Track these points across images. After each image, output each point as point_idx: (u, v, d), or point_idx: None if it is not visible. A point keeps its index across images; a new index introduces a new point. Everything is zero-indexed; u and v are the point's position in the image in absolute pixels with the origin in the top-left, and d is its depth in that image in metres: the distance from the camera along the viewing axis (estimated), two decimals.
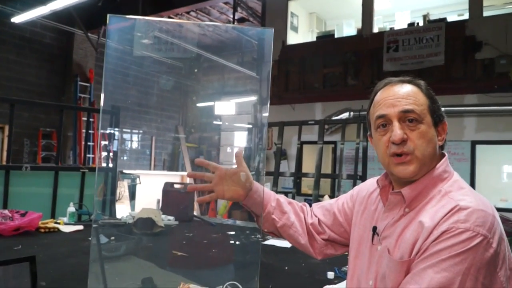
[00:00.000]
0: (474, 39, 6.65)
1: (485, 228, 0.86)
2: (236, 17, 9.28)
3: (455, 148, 6.65)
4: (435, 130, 1.03)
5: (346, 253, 1.22)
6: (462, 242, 0.85)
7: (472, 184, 6.45)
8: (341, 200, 1.30)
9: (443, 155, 1.05)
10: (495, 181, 7.08)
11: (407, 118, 1.00)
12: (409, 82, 1.06)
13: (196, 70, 11.30)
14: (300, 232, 1.29)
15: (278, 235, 1.32)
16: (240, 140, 11.22)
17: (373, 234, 1.08)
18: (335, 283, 1.86)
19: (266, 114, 1.55)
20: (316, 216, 1.31)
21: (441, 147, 1.06)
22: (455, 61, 6.74)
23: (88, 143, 8.16)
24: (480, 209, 0.89)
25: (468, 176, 6.49)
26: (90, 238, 2.74)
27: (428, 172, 1.01)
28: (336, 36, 8.56)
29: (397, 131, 0.99)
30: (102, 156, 9.03)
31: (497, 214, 0.92)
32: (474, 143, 6.69)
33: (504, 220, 5.97)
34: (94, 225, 1.80)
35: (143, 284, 1.49)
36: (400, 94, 1.03)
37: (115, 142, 5.71)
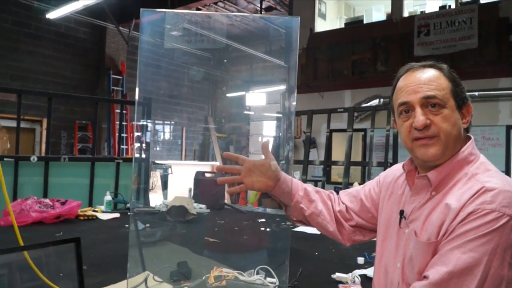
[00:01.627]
0: (508, 20, 6.41)
1: (511, 208, 0.87)
2: (263, 6, 9.26)
3: (489, 133, 6.46)
4: (459, 113, 1.03)
5: (374, 239, 1.24)
6: (488, 223, 0.87)
7: (508, 170, 6.28)
8: (368, 186, 1.32)
9: (468, 138, 1.06)
10: None
11: (430, 103, 1.01)
12: (430, 66, 1.06)
13: (225, 61, 11.36)
14: (328, 220, 1.32)
15: (307, 223, 1.35)
16: (269, 129, 11.24)
17: (401, 218, 1.10)
18: (365, 268, 1.88)
19: (294, 103, 1.57)
20: (343, 203, 1.33)
21: (466, 130, 1.06)
22: (488, 44, 6.52)
23: (122, 135, 8.38)
24: (506, 190, 0.90)
25: (503, 162, 6.30)
26: (126, 225, 2.86)
27: (453, 155, 1.01)
28: (365, 21, 8.42)
29: (419, 117, 1.00)
30: (135, 147, 9.27)
31: None
32: (509, 128, 6.48)
33: None
34: (131, 213, 1.88)
35: (178, 268, 1.56)
36: (422, 80, 1.03)
37: (148, 133, 5.86)
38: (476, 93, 6.32)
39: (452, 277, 0.87)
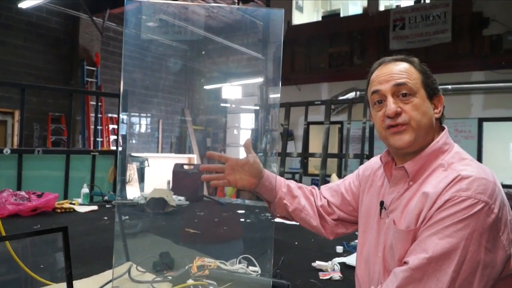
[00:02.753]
0: (481, 15, 6.59)
1: (486, 195, 0.91)
2: None
3: (462, 125, 6.65)
4: (430, 103, 1.06)
5: (357, 232, 1.28)
6: (464, 209, 0.90)
7: (480, 161, 6.48)
8: (348, 180, 1.36)
9: (442, 128, 1.10)
10: (503, 158, 7.09)
11: (400, 92, 1.04)
12: (402, 60, 1.10)
13: (203, 53, 11.27)
14: (312, 215, 1.35)
15: (290, 219, 1.38)
16: (246, 122, 11.26)
17: (381, 209, 1.13)
18: (344, 256, 1.93)
19: (278, 95, 1.60)
20: (325, 198, 1.37)
21: (440, 121, 1.10)
22: (462, 38, 6.69)
23: (97, 127, 8.24)
24: (481, 177, 0.93)
25: (475, 154, 6.50)
26: (105, 218, 2.83)
27: (429, 146, 1.05)
28: (341, 15, 8.50)
29: (390, 105, 1.04)
30: (111, 140, 9.14)
31: (498, 182, 0.96)
32: (481, 121, 6.69)
33: (511, 197, 6.03)
34: (116, 204, 1.87)
35: (161, 258, 1.57)
36: (393, 71, 1.07)
37: (124, 125, 5.78)
38: (449, 86, 6.48)
39: (431, 262, 0.90)
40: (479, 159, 6.51)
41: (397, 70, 1.07)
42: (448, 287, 0.88)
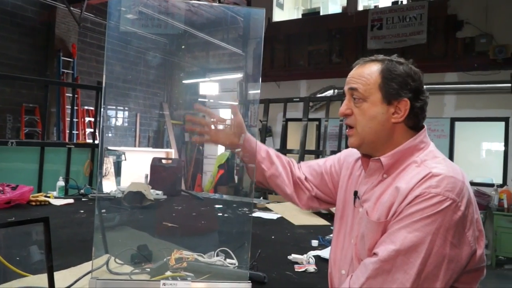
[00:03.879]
0: (455, 18, 6.77)
1: (454, 192, 0.96)
2: None
3: (435, 124, 6.83)
4: (388, 106, 1.09)
5: (332, 208, 1.33)
6: (433, 205, 0.95)
7: (451, 159, 6.66)
8: (329, 162, 1.41)
9: (422, 128, 1.14)
10: (474, 157, 7.33)
11: (353, 95, 1.13)
12: (372, 61, 1.14)
13: (182, 47, 11.17)
14: (287, 183, 1.41)
15: (266, 185, 1.44)
16: (225, 117, 11.23)
17: (355, 198, 1.19)
18: (319, 250, 1.98)
19: (258, 91, 1.65)
20: (304, 173, 1.43)
21: (415, 123, 1.12)
22: (437, 39, 6.86)
23: (73, 120, 8.09)
24: (450, 176, 0.99)
25: (447, 152, 6.69)
26: (81, 211, 2.82)
27: (406, 142, 1.10)
28: (321, 13, 8.58)
29: (342, 106, 1.14)
30: (87, 133, 8.99)
31: (467, 181, 1.02)
32: (453, 120, 6.88)
33: (480, 194, 6.23)
34: (96, 197, 1.86)
35: (139, 251, 1.58)
36: (353, 74, 1.14)
37: (102, 118, 5.71)
38: (425, 86, 6.63)
39: (399, 254, 0.95)
40: (451, 157, 6.70)
41: (357, 74, 1.13)
42: (415, 279, 0.93)
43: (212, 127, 1.38)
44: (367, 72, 1.12)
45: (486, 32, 6.46)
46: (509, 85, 6.28)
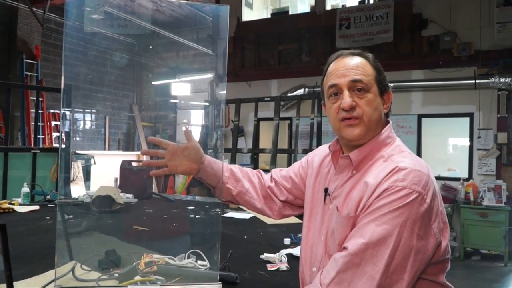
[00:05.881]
0: (420, 16, 6.94)
1: (420, 186, 0.98)
2: None
3: (403, 121, 6.98)
4: (381, 98, 1.13)
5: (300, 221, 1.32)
6: (400, 198, 0.97)
7: (419, 155, 6.83)
8: (297, 164, 1.42)
9: (387, 122, 1.17)
10: (441, 152, 7.53)
11: (356, 87, 1.10)
12: (358, 54, 1.16)
13: (150, 47, 11.01)
14: (255, 197, 1.39)
15: (236, 202, 1.42)
16: (196, 118, 11.16)
17: (325, 195, 1.19)
18: (291, 248, 1.98)
19: (224, 91, 1.63)
20: (274, 180, 1.41)
21: (386, 115, 1.17)
22: (403, 38, 7.01)
23: (38, 124, 7.84)
24: (416, 169, 1.00)
25: (415, 148, 6.84)
26: (47, 217, 2.72)
27: (373, 138, 1.12)
28: (290, 12, 8.62)
29: (346, 98, 1.10)
30: (53, 137, 8.74)
31: (432, 174, 1.04)
32: (420, 117, 7.05)
33: (448, 188, 6.40)
34: (58, 204, 1.80)
35: (107, 256, 1.53)
36: (350, 65, 1.13)
37: (67, 122, 5.56)
38: (391, 84, 6.75)
39: (368, 247, 0.95)
40: (419, 153, 6.86)
41: (354, 65, 1.12)
42: (384, 271, 0.94)
43: (168, 157, 1.32)
44: (361, 64, 1.13)
45: (450, 30, 6.65)
46: (473, 81, 6.48)
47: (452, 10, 6.70)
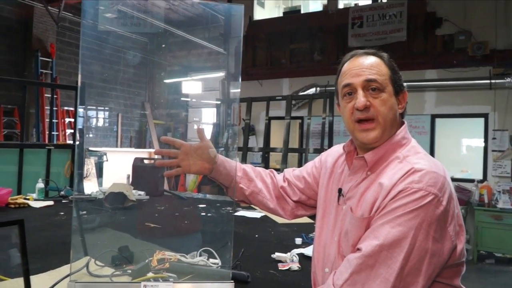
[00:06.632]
0: (434, 15, 6.86)
1: (436, 187, 0.97)
2: None
3: (416, 121, 6.91)
4: (395, 98, 1.12)
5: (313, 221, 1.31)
6: (415, 200, 0.96)
7: (432, 156, 6.75)
8: (310, 164, 1.41)
9: (402, 123, 1.16)
10: (455, 153, 7.43)
11: (370, 87, 1.09)
12: (373, 54, 1.15)
13: (163, 46, 11.07)
14: (268, 197, 1.39)
15: (248, 202, 1.42)
16: (207, 116, 11.19)
17: (339, 195, 1.18)
18: (302, 248, 1.98)
19: (238, 90, 1.62)
20: (287, 180, 1.41)
21: (401, 115, 1.16)
22: (416, 37, 6.94)
23: (52, 120, 7.94)
24: (432, 171, 0.99)
25: (428, 149, 6.77)
26: (61, 213, 2.76)
27: (388, 139, 1.11)
28: (302, 11, 8.59)
29: (361, 98, 1.09)
30: (67, 134, 8.84)
31: (448, 176, 1.03)
32: (433, 117, 6.97)
33: (461, 190, 6.33)
34: (73, 199, 1.82)
35: (120, 252, 1.55)
36: (365, 65, 1.11)
37: (81, 119, 5.62)
38: (404, 84, 6.71)
39: (383, 249, 0.95)
40: (432, 153, 6.78)
41: (369, 65, 1.11)
42: (398, 274, 0.93)
43: (182, 156, 1.32)
44: (376, 64, 1.11)
45: (464, 29, 6.56)
46: (488, 81, 6.39)
47: (467, 9, 6.61)
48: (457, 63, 6.63)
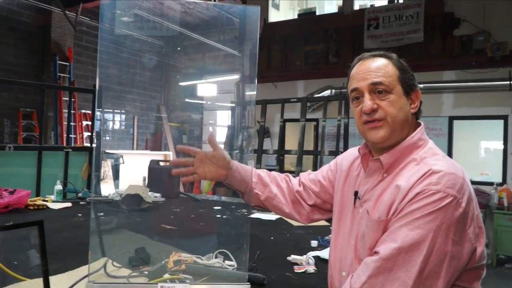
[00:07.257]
0: (452, 16, 6.76)
1: (455, 189, 0.95)
2: None
3: (433, 123, 6.82)
4: (406, 98, 1.11)
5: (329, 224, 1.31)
6: (434, 202, 0.94)
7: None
8: (326, 168, 1.40)
9: (418, 124, 1.14)
10: (473, 156, 7.30)
11: (377, 89, 1.09)
12: (380, 56, 1.15)
13: (178, 49, 11.16)
14: (284, 202, 1.39)
15: (264, 207, 1.43)
16: (222, 118, 11.23)
17: (355, 198, 1.17)
18: (318, 250, 1.96)
19: (254, 92, 1.63)
20: (303, 184, 1.40)
21: (416, 116, 1.15)
22: (434, 38, 6.85)
23: (70, 123, 8.07)
24: (451, 173, 0.98)
25: (445, 151, 6.63)
26: (79, 214, 2.79)
27: (404, 140, 1.09)
28: (317, 13, 8.57)
29: (367, 102, 1.09)
30: (85, 136, 8.96)
31: (467, 177, 1.01)
32: (451, 119, 6.87)
33: (480, 193, 6.22)
34: (91, 201, 1.85)
35: (137, 253, 1.56)
36: (371, 68, 1.11)
37: (98, 122, 5.69)
38: (421, 85, 6.62)
39: (401, 252, 0.93)
40: (450, 156, 6.60)
41: (374, 67, 1.11)
42: (417, 277, 0.92)
43: (198, 163, 1.35)
44: (382, 66, 1.11)
45: (483, 29, 6.46)
46: (508, 82, 6.28)
47: (486, 9, 6.50)
48: (475, 64, 6.52)
